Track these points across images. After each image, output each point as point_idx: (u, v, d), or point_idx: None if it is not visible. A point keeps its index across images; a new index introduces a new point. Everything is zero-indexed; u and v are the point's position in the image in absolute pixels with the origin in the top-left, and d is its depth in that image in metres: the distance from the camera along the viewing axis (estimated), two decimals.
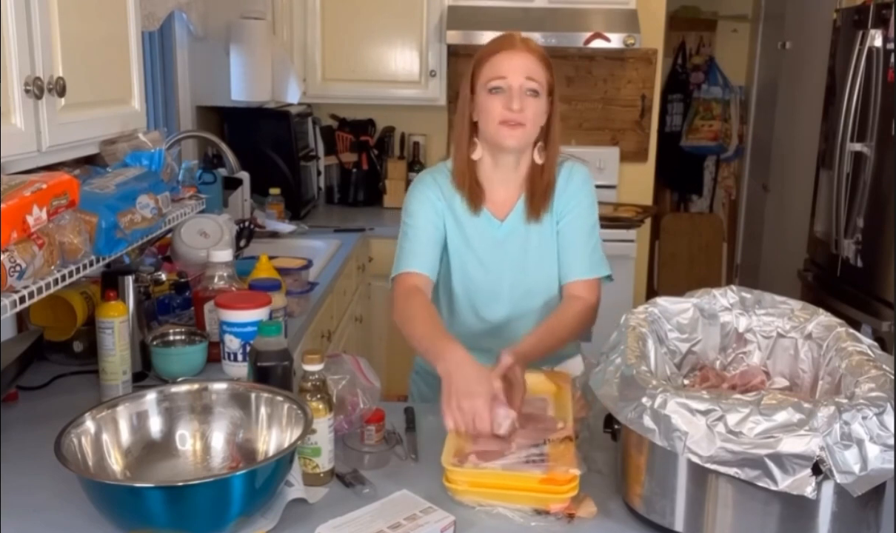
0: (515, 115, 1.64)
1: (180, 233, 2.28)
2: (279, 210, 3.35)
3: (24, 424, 1.56)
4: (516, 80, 1.64)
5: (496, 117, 1.66)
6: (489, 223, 1.76)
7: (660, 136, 4.44)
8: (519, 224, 1.76)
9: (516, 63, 1.65)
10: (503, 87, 1.65)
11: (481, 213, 1.76)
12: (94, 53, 1.71)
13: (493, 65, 1.66)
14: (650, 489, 1.21)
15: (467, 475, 1.28)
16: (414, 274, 1.72)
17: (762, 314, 1.47)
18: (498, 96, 1.65)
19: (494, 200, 1.77)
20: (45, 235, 1.33)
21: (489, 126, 1.68)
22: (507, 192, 1.77)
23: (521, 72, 1.65)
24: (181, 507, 1.12)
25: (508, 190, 1.77)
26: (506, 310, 1.79)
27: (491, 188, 1.77)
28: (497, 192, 1.77)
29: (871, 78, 3.01)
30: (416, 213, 1.76)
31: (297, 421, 1.28)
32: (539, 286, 1.78)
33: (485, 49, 1.70)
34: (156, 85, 2.96)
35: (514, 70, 1.65)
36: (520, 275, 1.77)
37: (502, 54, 1.66)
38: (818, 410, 1.07)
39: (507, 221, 1.76)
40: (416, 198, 1.78)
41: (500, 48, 1.67)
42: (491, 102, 1.66)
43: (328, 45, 3.78)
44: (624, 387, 1.22)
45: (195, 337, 1.80)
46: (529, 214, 1.75)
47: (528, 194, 1.76)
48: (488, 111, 1.67)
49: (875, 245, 3.01)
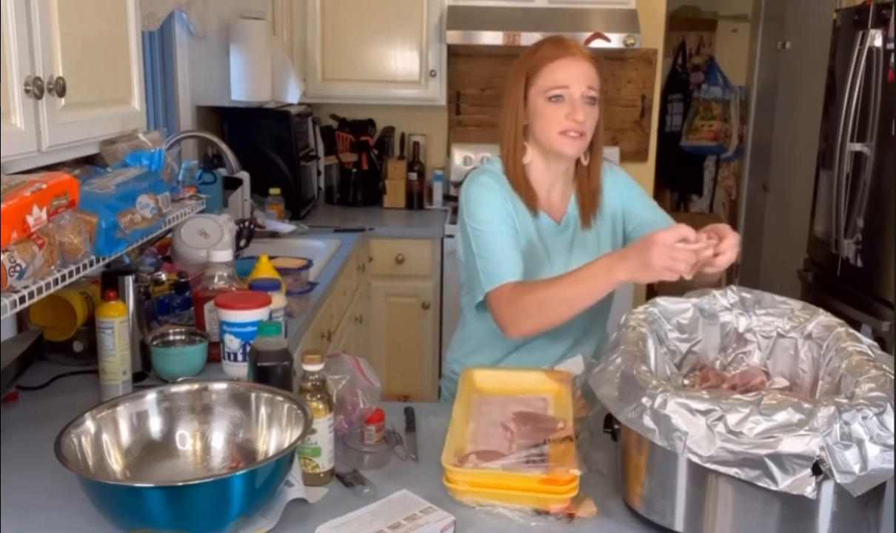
0: (578, 126, 1.63)
1: (180, 233, 2.28)
2: (279, 210, 3.35)
3: (24, 424, 1.56)
4: (578, 88, 1.63)
5: (557, 126, 1.64)
6: (547, 224, 1.77)
7: (660, 136, 4.44)
8: (574, 224, 1.78)
9: (578, 71, 1.63)
10: (565, 96, 1.63)
11: (539, 214, 1.76)
12: (94, 53, 1.71)
13: (553, 72, 1.64)
14: (650, 489, 1.21)
15: (467, 475, 1.28)
16: (508, 285, 1.62)
17: (762, 314, 1.47)
18: (559, 105, 1.64)
19: (547, 202, 1.77)
20: (45, 235, 1.33)
21: (549, 134, 1.66)
22: (557, 194, 1.78)
23: (582, 80, 1.63)
24: (181, 507, 1.12)
25: (559, 192, 1.78)
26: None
27: (541, 190, 1.76)
28: (549, 194, 1.77)
29: (871, 78, 3.01)
30: (487, 217, 1.69)
31: (297, 421, 1.28)
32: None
33: (540, 53, 1.67)
34: (156, 85, 2.96)
35: (577, 79, 1.63)
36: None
37: (563, 61, 1.64)
38: (818, 410, 1.07)
39: (563, 222, 1.78)
40: (483, 202, 1.70)
41: (559, 54, 1.65)
42: (551, 111, 1.64)
43: (328, 45, 3.78)
44: (624, 387, 1.22)
45: (195, 337, 1.80)
46: (582, 215, 1.77)
47: (579, 196, 1.77)
48: (548, 119, 1.65)
49: (875, 245, 3.01)
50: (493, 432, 1.42)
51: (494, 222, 1.68)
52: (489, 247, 1.67)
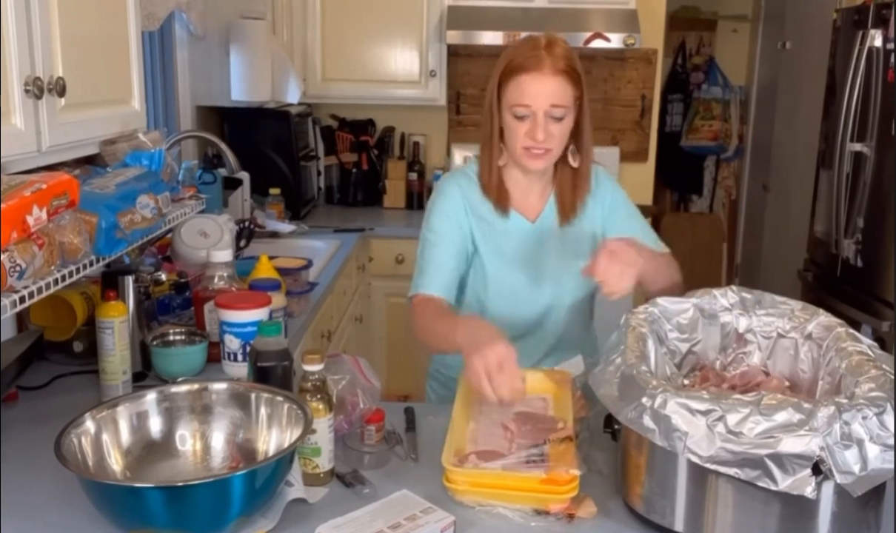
0: (539, 145, 1.63)
1: (180, 233, 2.28)
2: (279, 210, 3.35)
3: (24, 424, 1.56)
4: (541, 107, 1.61)
5: (520, 142, 1.64)
6: (520, 225, 1.76)
7: (660, 136, 4.44)
8: (551, 225, 1.77)
9: (542, 89, 1.60)
10: (528, 114, 1.62)
11: (510, 215, 1.75)
12: (94, 53, 1.71)
13: (518, 88, 1.62)
14: (650, 489, 1.21)
15: (467, 475, 1.28)
16: (430, 298, 1.69)
17: (762, 314, 1.47)
18: (522, 123, 1.63)
19: (523, 202, 1.77)
20: (45, 235, 1.33)
21: (514, 148, 1.66)
22: (535, 195, 1.77)
23: (546, 99, 1.60)
24: (181, 507, 1.12)
25: (535, 192, 1.77)
26: (539, 310, 1.78)
27: (518, 191, 1.76)
28: (525, 195, 1.77)
29: (871, 78, 3.01)
30: (438, 229, 1.73)
31: (297, 421, 1.28)
32: (571, 286, 1.78)
33: (511, 60, 1.64)
34: (156, 85, 2.96)
35: (539, 97, 1.60)
36: (553, 275, 1.76)
37: (528, 77, 1.60)
38: (818, 411, 1.07)
39: (538, 222, 1.77)
40: (440, 212, 1.75)
41: (527, 67, 1.61)
42: (515, 126, 1.64)
43: (328, 45, 3.78)
44: (624, 387, 1.22)
45: (195, 337, 1.80)
46: (562, 216, 1.76)
47: (560, 196, 1.76)
48: (512, 134, 1.65)
49: (875, 245, 3.01)
50: (494, 432, 1.42)
51: (443, 236, 1.73)
52: (428, 256, 1.73)
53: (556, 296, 1.78)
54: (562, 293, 1.78)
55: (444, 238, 1.73)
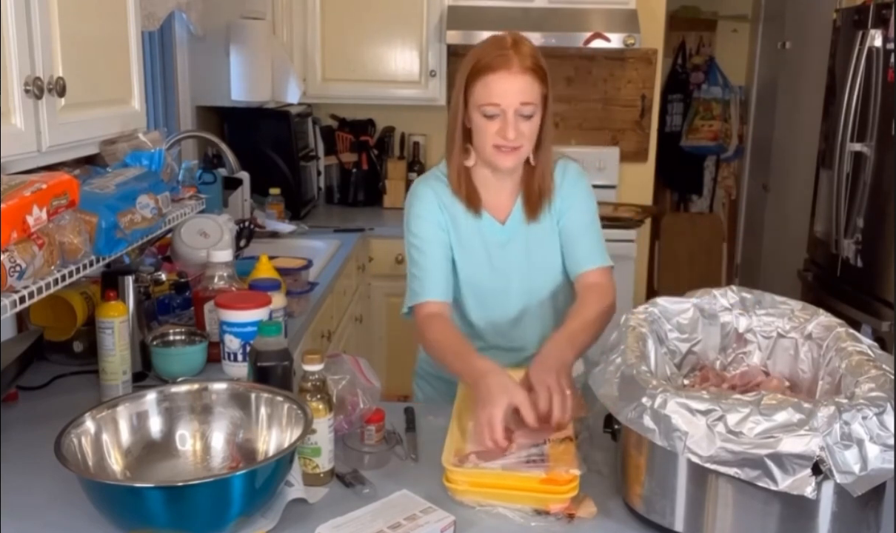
0: (510, 143, 1.62)
1: (180, 233, 2.28)
2: (279, 210, 3.35)
3: (24, 424, 1.56)
4: (510, 106, 1.59)
5: (490, 140, 1.63)
6: (491, 226, 1.76)
7: (660, 136, 4.44)
8: (519, 225, 1.76)
9: (511, 87, 1.59)
10: (497, 113, 1.61)
11: (482, 215, 1.75)
12: (94, 53, 1.71)
13: (486, 87, 1.60)
14: (650, 489, 1.21)
15: (468, 475, 1.28)
16: (428, 303, 1.70)
17: (762, 314, 1.47)
18: (492, 122, 1.62)
19: (492, 203, 1.76)
20: (45, 235, 1.33)
21: (484, 147, 1.65)
22: (504, 195, 1.76)
23: (515, 97, 1.59)
24: (181, 507, 1.12)
25: (505, 192, 1.76)
26: (514, 309, 1.79)
27: (487, 192, 1.75)
28: (494, 196, 1.76)
29: (871, 78, 3.01)
30: (421, 233, 1.74)
31: (297, 421, 1.28)
32: (544, 284, 1.78)
33: (478, 60, 1.62)
34: (156, 85, 2.96)
35: (509, 95, 1.59)
36: (525, 274, 1.77)
37: (496, 76, 1.59)
38: (818, 410, 1.07)
39: (507, 223, 1.76)
40: (418, 216, 1.75)
41: (494, 66, 1.59)
42: (485, 125, 1.63)
43: (328, 45, 3.78)
44: (624, 387, 1.22)
45: (195, 337, 1.80)
46: (528, 215, 1.75)
47: (525, 196, 1.75)
48: (482, 133, 1.64)
49: (875, 245, 3.01)
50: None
51: (428, 239, 1.73)
52: (416, 263, 1.74)
53: (530, 294, 1.78)
54: (534, 291, 1.78)
55: (431, 242, 1.73)
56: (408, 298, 1.75)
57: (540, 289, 1.79)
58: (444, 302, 1.72)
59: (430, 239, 1.73)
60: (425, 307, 1.71)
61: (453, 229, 1.75)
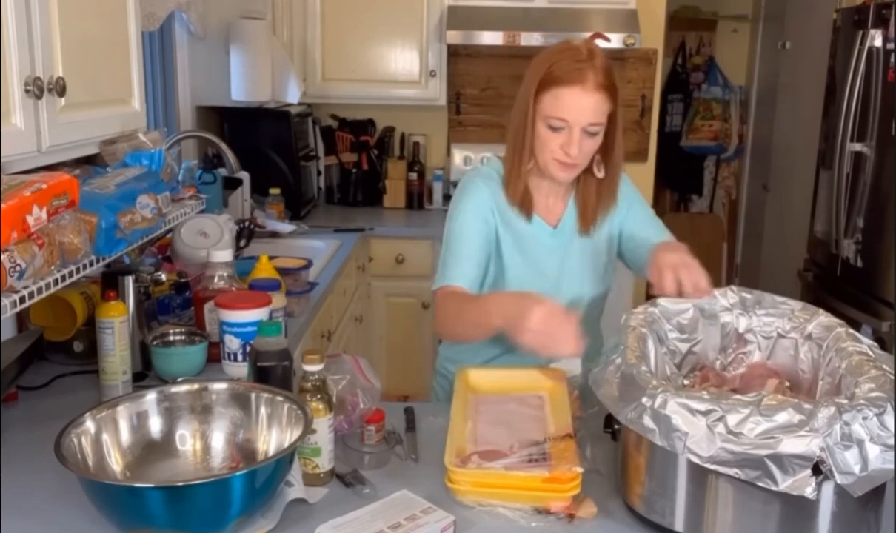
0: (571, 159, 1.61)
1: (180, 233, 2.28)
2: (279, 210, 3.35)
3: (24, 424, 1.56)
4: (578, 123, 1.57)
5: (551, 153, 1.62)
6: (541, 229, 1.75)
7: (660, 136, 4.44)
8: (570, 231, 1.76)
9: (583, 105, 1.56)
10: (563, 127, 1.59)
11: (533, 219, 1.74)
12: (94, 53, 1.71)
13: (557, 100, 1.57)
14: (650, 489, 1.21)
15: (470, 476, 1.28)
16: (456, 289, 1.65)
17: (762, 314, 1.47)
18: (556, 134, 1.60)
19: (545, 207, 1.75)
20: (45, 235, 1.33)
21: (543, 156, 1.64)
22: (555, 199, 1.76)
23: (585, 117, 1.57)
24: (181, 507, 1.12)
25: (557, 196, 1.76)
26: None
27: (540, 196, 1.75)
28: (547, 200, 1.76)
29: (871, 78, 3.01)
30: (464, 221, 1.71)
31: (297, 421, 1.28)
32: (588, 294, 1.78)
33: (555, 69, 1.57)
34: (156, 85, 2.96)
35: (579, 114, 1.57)
36: (569, 281, 1.76)
37: (570, 91, 1.56)
38: (818, 411, 1.07)
39: (559, 227, 1.76)
40: (466, 206, 1.72)
41: (569, 80, 1.56)
42: (548, 136, 1.61)
43: (328, 45, 3.78)
44: (624, 387, 1.22)
45: (195, 337, 1.80)
46: (581, 225, 1.75)
47: (581, 204, 1.75)
48: (544, 143, 1.62)
49: (875, 245, 3.01)
50: (493, 431, 1.42)
51: (469, 223, 1.70)
52: (450, 249, 1.70)
53: (574, 301, 1.76)
54: (580, 298, 1.77)
55: (472, 232, 1.70)
56: (436, 279, 1.70)
57: (584, 296, 1.77)
58: (467, 290, 1.67)
59: (472, 231, 1.70)
60: (448, 290, 1.66)
61: (506, 231, 1.73)
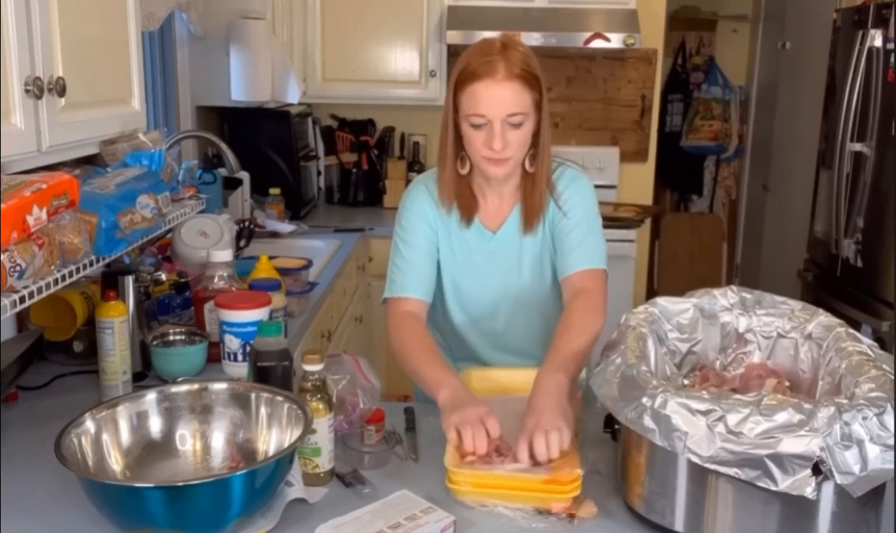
0: (498, 154, 1.57)
1: (180, 233, 2.28)
2: (279, 210, 3.35)
3: (24, 424, 1.56)
4: (497, 116, 1.53)
5: (478, 151, 1.59)
6: (480, 235, 1.72)
7: (660, 136, 4.44)
8: (513, 235, 1.71)
9: (496, 97, 1.52)
10: (484, 123, 1.55)
11: (473, 224, 1.71)
12: (94, 53, 1.71)
13: (472, 96, 1.54)
14: (650, 489, 1.21)
15: (470, 476, 1.28)
16: (407, 299, 1.66)
17: (762, 314, 1.47)
18: (479, 132, 1.56)
19: (487, 211, 1.72)
20: (45, 235, 1.33)
21: (474, 156, 1.61)
22: (500, 203, 1.72)
23: (501, 108, 1.53)
24: (181, 507, 1.12)
25: (502, 200, 1.71)
26: (501, 321, 1.76)
27: (483, 199, 1.71)
28: (490, 203, 1.72)
29: (871, 78, 3.01)
30: (410, 228, 1.70)
31: (297, 421, 1.28)
32: (534, 296, 1.74)
33: (465, 67, 1.55)
34: (156, 85, 2.96)
35: (495, 106, 1.53)
36: (514, 285, 1.73)
37: (482, 85, 1.53)
38: (818, 411, 1.07)
39: (499, 233, 1.72)
40: (410, 210, 1.71)
41: (479, 75, 1.53)
42: (473, 135, 1.58)
43: (328, 45, 3.78)
44: (624, 387, 1.22)
45: (195, 337, 1.80)
46: (525, 225, 1.70)
47: (523, 205, 1.69)
48: (471, 142, 1.59)
49: (875, 245, 3.01)
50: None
51: (416, 235, 1.70)
52: (400, 256, 1.70)
53: (516, 303, 1.74)
54: (521, 301, 1.74)
55: (418, 239, 1.69)
56: (387, 287, 1.70)
57: (528, 301, 1.74)
58: (422, 302, 1.67)
59: (419, 234, 1.70)
60: (403, 304, 1.66)
61: (443, 231, 1.72)
